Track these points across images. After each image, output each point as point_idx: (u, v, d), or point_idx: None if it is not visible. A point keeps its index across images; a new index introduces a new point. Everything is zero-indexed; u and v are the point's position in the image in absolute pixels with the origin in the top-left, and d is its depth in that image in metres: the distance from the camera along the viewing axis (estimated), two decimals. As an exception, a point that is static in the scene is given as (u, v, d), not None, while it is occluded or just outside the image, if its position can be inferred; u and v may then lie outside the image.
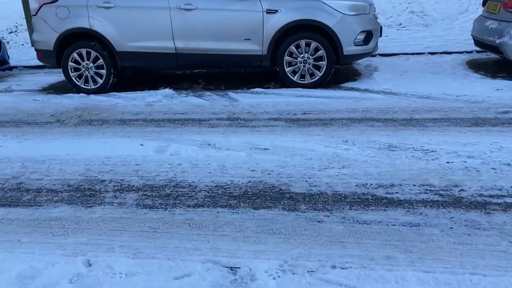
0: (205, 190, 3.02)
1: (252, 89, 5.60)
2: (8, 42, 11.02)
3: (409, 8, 10.46)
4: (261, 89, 5.56)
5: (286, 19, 5.28)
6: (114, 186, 3.18)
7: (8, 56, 7.74)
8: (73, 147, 3.93)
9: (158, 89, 5.80)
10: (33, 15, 5.87)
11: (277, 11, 5.30)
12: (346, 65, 6.27)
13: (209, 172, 3.29)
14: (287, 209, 2.71)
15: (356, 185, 2.95)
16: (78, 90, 5.92)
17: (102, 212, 2.82)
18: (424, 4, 10.62)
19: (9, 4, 15.24)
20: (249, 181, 3.11)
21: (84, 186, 3.21)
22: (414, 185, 2.90)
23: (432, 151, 3.41)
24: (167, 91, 5.65)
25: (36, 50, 6.07)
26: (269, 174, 3.20)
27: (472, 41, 6.30)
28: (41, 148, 3.98)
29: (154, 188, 3.10)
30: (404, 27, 9.38)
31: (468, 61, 6.52)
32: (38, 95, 6.03)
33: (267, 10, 5.30)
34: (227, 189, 3.01)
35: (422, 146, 3.50)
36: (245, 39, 5.45)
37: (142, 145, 3.89)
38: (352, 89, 5.42)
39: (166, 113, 4.85)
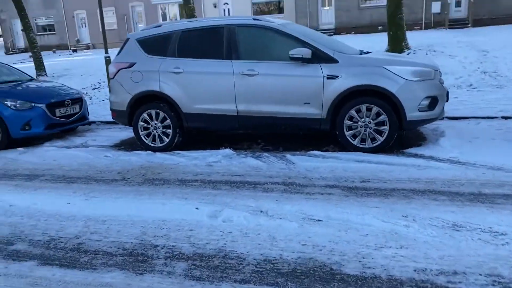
0: (253, 264, 2.96)
1: (310, 152, 5.56)
2: (90, 97, 12.07)
3: (481, 68, 10.05)
4: (319, 152, 5.51)
5: (347, 84, 5.29)
6: (166, 252, 3.22)
7: (88, 112, 8.45)
8: (133, 208, 4.09)
9: (219, 149, 5.97)
10: (111, 78, 6.40)
11: (337, 76, 5.33)
12: (410, 130, 6.06)
13: (259, 244, 3.24)
14: (337, 293, 2.57)
15: (415, 270, 2.74)
16: (146, 147, 6.26)
17: (151, 280, 2.85)
18: (498, 64, 10.16)
19: (96, 62, 16.83)
20: (299, 257, 3.01)
21: (138, 250, 3.29)
22: (480, 275, 2.64)
23: (502, 234, 3.11)
24: (227, 151, 5.78)
25: (111, 109, 6.57)
26: (321, 250, 3.08)
27: (552, 106, 5.85)
28: (105, 207, 4.19)
29: (204, 258, 3.10)
30: (475, 88, 8.98)
31: (548, 127, 6.04)
32: (110, 151, 6.44)
33: (327, 75, 5.35)
34: (276, 264, 2.93)
35: (490, 228, 3.21)
36: (305, 103, 5.50)
37: (197, 208, 3.96)
38: (416, 155, 5.19)
39: (224, 174, 4.94)
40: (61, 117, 7.51)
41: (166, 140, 6.16)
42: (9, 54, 33.42)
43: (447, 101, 5.61)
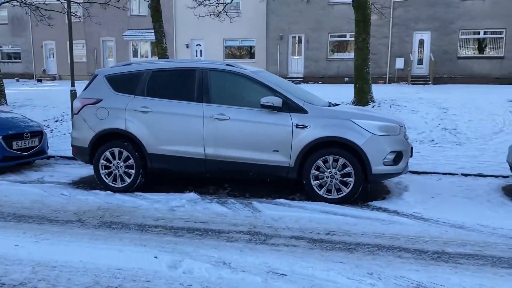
0: (213, 322, 2.79)
1: (277, 200, 5.50)
2: (52, 130, 11.66)
3: (441, 125, 10.49)
4: (285, 201, 5.45)
5: (315, 134, 5.33)
6: (119, 305, 2.99)
7: (48, 146, 8.11)
8: (87, 253, 3.83)
9: (184, 192, 5.80)
10: (75, 113, 6.20)
11: (306, 126, 5.37)
12: (375, 183, 6.13)
13: (221, 299, 3.07)
14: None
15: (380, 334, 2.64)
16: (106, 187, 6.00)
17: (100, 338, 2.61)
18: (457, 122, 10.64)
19: (61, 94, 16.44)
20: (262, 315, 2.86)
21: (88, 302, 3.04)
22: None
23: (467, 296, 3.09)
24: (192, 195, 5.63)
25: (72, 145, 6.32)
26: (284, 308, 2.95)
27: (508, 167, 6.10)
28: (56, 251, 3.91)
29: (160, 313, 2.89)
30: (436, 143, 9.32)
31: (504, 186, 6.26)
32: (67, 189, 6.13)
33: (297, 125, 5.39)
34: (237, 323, 2.77)
35: (454, 289, 3.19)
36: (274, 151, 5.49)
37: (156, 257, 3.75)
38: (380, 209, 5.22)
39: (187, 220, 4.76)
40: (18, 150, 7.16)
41: (128, 180, 5.95)
42: (-31, 79, 32.25)
43: (411, 156, 5.73)
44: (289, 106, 5.47)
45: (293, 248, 3.99)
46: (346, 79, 22.53)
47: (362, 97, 11.92)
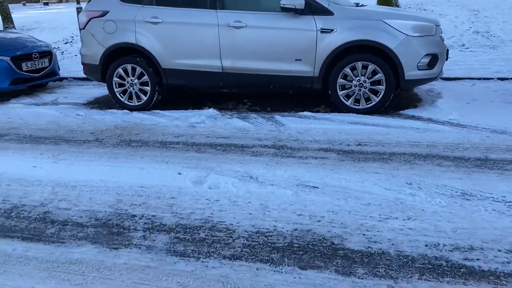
0: (244, 237, 2.62)
1: (300, 113, 5.18)
2: (62, 52, 11.28)
3: (472, 28, 9.69)
4: (310, 113, 5.13)
5: (342, 39, 4.85)
6: (145, 223, 2.85)
7: (59, 67, 7.81)
8: (107, 172, 3.67)
9: (203, 109, 5.53)
10: (81, 29, 5.79)
11: (332, 30, 4.88)
12: (407, 90, 5.72)
13: (250, 214, 2.89)
14: (341, 272, 2.26)
15: (426, 245, 2.44)
16: (122, 106, 5.76)
17: (128, 257, 2.48)
18: (490, 24, 9.81)
19: (68, 16, 15.79)
20: (295, 229, 2.68)
21: (113, 221, 2.90)
22: (500, 251, 2.36)
23: (518, 204, 2.84)
24: (211, 111, 5.35)
25: (82, 64, 5.99)
26: (319, 221, 2.76)
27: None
28: (75, 170, 3.76)
29: (188, 230, 2.74)
30: (467, 48, 8.65)
31: (546, 89, 5.79)
32: (82, 109, 5.92)
33: (321, 29, 4.89)
34: (270, 238, 2.60)
35: (504, 197, 2.93)
36: (296, 60, 5.06)
37: (179, 173, 3.57)
38: (413, 117, 4.87)
39: (208, 136, 4.53)
40: (28, 72, 6.88)
41: (144, 98, 5.66)
42: (-26, 5, 31.33)
43: (446, 59, 5.25)
44: (312, 8, 4.93)
45: (323, 160, 3.75)
46: (366, -15, 20.97)
47: (387, 2, 11.00)
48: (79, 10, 10.38)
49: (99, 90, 7.18)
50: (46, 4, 28.05)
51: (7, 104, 6.46)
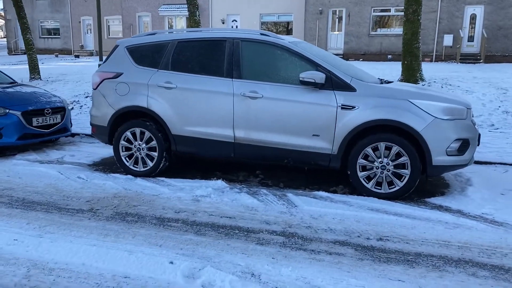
0: None
1: (316, 192, 4.75)
2: (81, 106, 11.31)
3: (502, 107, 9.32)
4: (326, 194, 4.69)
5: (364, 117, 4.50)
6: (119, 330, 2.38)
7: (71, 123, 7.66)
8: (92, 255, 3.25)
9: (211, 179, 5.16)
10: (94, 89, 5.63)
11: (354, 107, 4.55)
12: (434, 176, 5.25)
13: (246, 328, 2.40)
14: None
15: None
16: (126, 171, 5.44)
17: None
18: (520, 104, 9.43)
19: (94, 69, 16.17)
20: None
21: (83, 324, 2.44)
22: None
23: None
24: (219, 183, 4.97)
25: (91, 124, 5.77)
26: None
27: None
28: (58, 249, 3.35)
29: None
30: (497, 128, 8.22)
31: None
32: (85, 171, 5.62)
33: (342, 105, 4.58)
34: None
35: (561, 332, 2.38)
36: (314, 135, 4.71)
37: (171, 263, 3.12)
38: (440, 207, 4.37)
39: (211, 214, 4.11)
40: (38, 127, 6.71)
41: (150, 164, 5.35)
42: (11, 54, 32.90)
43: (478, 145, 4.82)
44: (333, 83, 4.65)
45: (338, 257, 3.26)
46: (389, 56, 21.20)
47: (411, 75, 10.83)
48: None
49: (108, 150, 6.92)
50: (77, 56, 29.19)
51: (11, 160, 6.23)
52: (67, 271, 3.02)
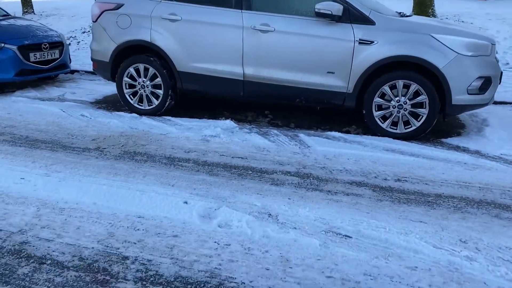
0: (258, 306, 2.06)
1: (328, 133, 4.60)
2: (78, 42, 10.89)
3: (517, 45, 8.96)
4: (339, 134, 4.54)
5: (383, 53, 4.25)
6: (137, 271, 2.31)
7: (70, 59, 7.36)
8: (103, 194, 3.14)
9: (219, 119, 4.99)
10: (93, 21, 5.29)
11: (372, 42, 4.28)
12: (452, 116, 5.07)
13: (267, 269, 2.33)
14: None
15: None
16: (131, 109, 5.25)
17: (109, 323, 1.95)
18: (537, 42, 9.06)
19: (90, 3, 15.42)
20: (324, 299, 2.11)
21: (99, 263, 2.37)
22: None
23: None
24: (228, 123, 4.80)
25: (92, 59, 5.50)
26: (354, 289, 2.19)
27: None
28: (67, 188, 3.24)
29: (189, 286, 2.19)
30: (512, 67, 7.94)
31: None
32: (88, 109, 5.43)
33: (360, 40, 4.30)
34: (291, 311, 2.04)
35: None
36: (328, 72, 4.48)
37: (186, 202, 3.02)
38: (458, 148, 4.25)
39: (222, 155, 3.98)
40: (36, 63, 6.43)
41: (156, 102, 5.14)
42: (0, -13, 31.38)
43: (499, 83, 4.60)
44: (351, 15, 4.34)
45: (356, 198, 3.16)
46: (398, -8, 20.20)
47: (423, 11, 10.33)
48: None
49: (110, 87, 6.69)
50: (70, -10, 27.82)
51: (11, 97, 6.01)
52: (78, 210, 2.93)
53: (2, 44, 6.06)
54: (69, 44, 10.36)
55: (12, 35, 6.28)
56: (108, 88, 6.68)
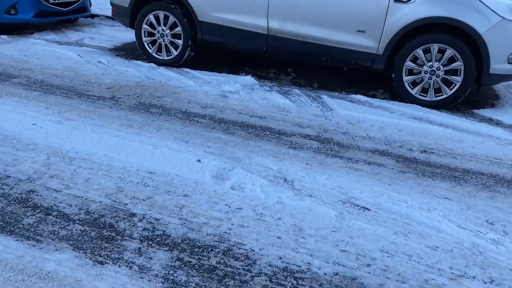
0: (265, 274, 1.97)
1: (353, 96, 4.37)
2: (100, -14, 10.55)
3: None
4: (364, 98, 4.31)
5: (420, 13, 3.92)
6: (144, 229, 2.23)
7: (91, 3, 7.14)
8: (115, 146, 3.05)
9: (239, 74, 4.79)
10: (113, -37, 5.03)
11: (409, 0, 3.94)
12: (488, 86, 4.76)
13: (278, 237, 2.22)
14: None
15: None
16: (149, 58, 5.08)
17: (112, 280, 1.88)
18: None
19: None
20: (336, 273, 2.00)
21: (106, 219, 2.30)
22: None
23: None
24: (248, 79, 4.60)
25: (111, 4, 5.29)
26: (369, 265, 2.07)
27: None
28: (79, 137, 3.15)
29: (196, 250, 2.10)
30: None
31: None
32: (106, 55, 5.27)
33: (396, -3, 3.97)
34: (300, 282, 1.93)
35: None
36: (358, 31, 4.19)
37: (199, 161, 2.91)
38: (490, 120, 3.99)
39: (240, 112, 3.82)
40: (56, 5, 6.24)
41: (175, 52, 4.95)
42: None
43: (544, 53, 4.23)
44: (389, -31, 3.99)
45: (378, 168, 2.99)
46: None
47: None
48: None
49: (130, 34, 6.48)
50: None
51: (29, 39, 5.89)
52: (88, 161, 2.85)
53: (21, -17, 5.87)
54: (91, -13, 10.06)
55: (31, -26, 6.05)
56: (128, 35, 6.48)
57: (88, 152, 2.95)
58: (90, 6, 7.07)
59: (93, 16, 7.56)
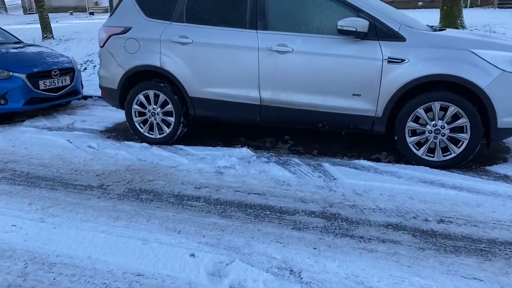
0: None
1: (356, 161, 4.13)
2: (95, 66, 10.73)
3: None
4: (368, 163, 4.06)
5: (416, 72, 3.78)
6: None
7: (82, 85, 7.13)
8: (100, 245, 2.75)
9: (234, 147, 4.58)
10: (101, 47, 5.00)
11: (403, 60, 3.82)
12: (497, 141, 4.53)
13: None
14: None
15: None
16: (141, 138, 4.91)
17: None
18: None
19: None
20: None
21: None
22: None
23: None
24: (244, 151, 4.39)
25: (100, 87, 5.20)
26: None
27: None
28: (61, 237, 2.86)
29: None
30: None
31: None
32: (97, 139, 5.10)
33: (389, 58, 3.85)
34: None
35: None
36: (354, 95, 4.03)
37: (193, 255, 2.60)
38: (506, 178, 3.71)
39: (237, 190, 3.55)
40: (46, 91, 6.19)
41: (167, 130, 4.79)
42: (26, 13, 32.24)
43: (550, 102, 4.04)
44: (378, 32, 3.90)
45: (393, 246, 2.68)
46: (420, 3, 19.73)
47: (451, 22, 9.79)
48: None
49: (122, 114, 6.34)
50: (91, 14, 28.32)
51: (19, 127, 5.76)
52: (70, 266, 2.54)
53: (11, 73, 5.85)
54: (85, 68, 10.23)
55: (21, 63, 6.07)
56: (120, 115, 6.37)
57: (71, 255, 2.65)
58: (82, 88, 7.05)
59: (85, 97, 7.54)
